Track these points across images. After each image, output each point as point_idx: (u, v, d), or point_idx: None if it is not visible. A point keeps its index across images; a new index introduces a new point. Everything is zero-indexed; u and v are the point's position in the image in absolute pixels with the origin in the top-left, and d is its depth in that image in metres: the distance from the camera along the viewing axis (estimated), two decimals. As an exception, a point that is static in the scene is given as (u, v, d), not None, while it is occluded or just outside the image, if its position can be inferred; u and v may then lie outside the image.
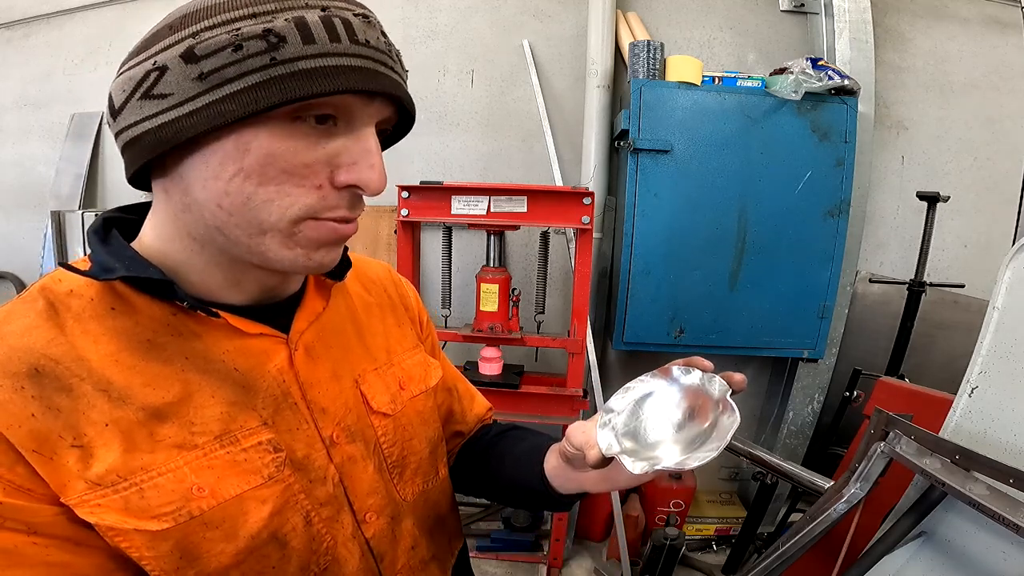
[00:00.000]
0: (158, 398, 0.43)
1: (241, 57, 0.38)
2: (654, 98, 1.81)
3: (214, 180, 0.41)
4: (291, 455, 0.49)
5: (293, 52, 0.38)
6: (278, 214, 0.42)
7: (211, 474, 0.43)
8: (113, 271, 0.43)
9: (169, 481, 0.42)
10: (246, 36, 0.38)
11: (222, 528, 0.44)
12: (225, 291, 0.48)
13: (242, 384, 0.47)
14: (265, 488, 0.46)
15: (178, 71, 0.38)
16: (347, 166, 0.43)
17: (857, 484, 0.96)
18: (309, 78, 0.39)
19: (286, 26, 0.38)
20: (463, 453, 0.77)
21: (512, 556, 2.11)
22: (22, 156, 2.43)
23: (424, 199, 1.66)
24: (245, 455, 0.46)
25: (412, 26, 2.15)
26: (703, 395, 0.52)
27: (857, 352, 2.14)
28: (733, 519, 2.26)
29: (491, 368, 1.78)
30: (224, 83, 0.38)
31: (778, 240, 1.89)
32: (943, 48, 2.14)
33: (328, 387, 0.53)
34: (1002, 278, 0.91)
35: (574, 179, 2.17)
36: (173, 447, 0.43)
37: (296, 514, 0.49)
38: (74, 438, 0.40)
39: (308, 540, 0.50)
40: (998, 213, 2.22)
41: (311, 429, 0.51)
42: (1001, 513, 0.71)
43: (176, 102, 0.39)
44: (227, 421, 0.45)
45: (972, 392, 0.91)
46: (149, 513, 0.40)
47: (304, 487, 0.49)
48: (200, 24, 0.39)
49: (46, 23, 2.32)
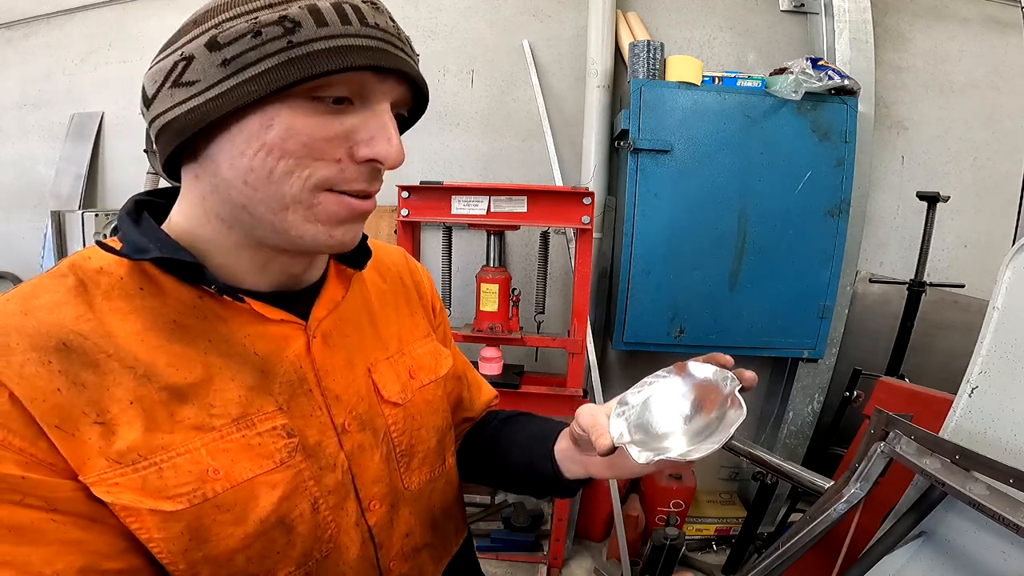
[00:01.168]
0: (181, 378, 0.44)
1: (260, 42, 0.41)
2: (654, 98, 1.81)
3: (239, 157, 0.43)
4: (303, 441, 0.50)
5: (308, 35, 0.41)
6: (299, 184, 0.45)
7: (226, 457, 0.44)
8: (146, 251, 0.44)
9: (187, 462, 0.42)
10: (264, 23, 0.41)
11: (233, 511, 0.44)
12: (251, 276, 0.50)
13: (261, 368, 0.48)
14: (277, 473, 0.47)
15: (203, 59, 0.41)
16: (365, 141, 0.46)
17: (857, 484, 0.96)
18: (324, 57, 0.42)
19: (300, 12, 0.42)
20: (469, 439, 0.78)
21: (512, 556, 2.11)
22: (22, 156, 2.43)
23: (424, 199, 1.66)
24: (260, 439, 0.46)
25: (412, 26, 2.15)
26: (714, 388, 0.53)
27: (857, 352, 2.14)
28: (733, 519, 2.26)
29: (491, 368, 1.79)
30: (246, 67, 0.41)
31: (778, 240, 1.89)
32: (943, 48, 2.14)
33: (342, 375, 0.54)
34: (1002, 278, 0.91)
35: (574, 179, 2.17)
36: (192, 428, 0.43)
37: (304, 500, 0.49)
38: (97, 414, 0.40)
39: (314, 526, 0.50)
40: (998, 213, 2.22)
41: (324, 416, 0.52)
42: (1001, 513, 0.71)
43: (203, 87, 0.42)
44: (245, 405, 0.46)
45: (972, 392, 0.91)
46: (165, 493, 0.41)
47: (314, 473, 0.50)
48: (221, 16, 0.42)
49: (46, 23, 2.32)
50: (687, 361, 0.56)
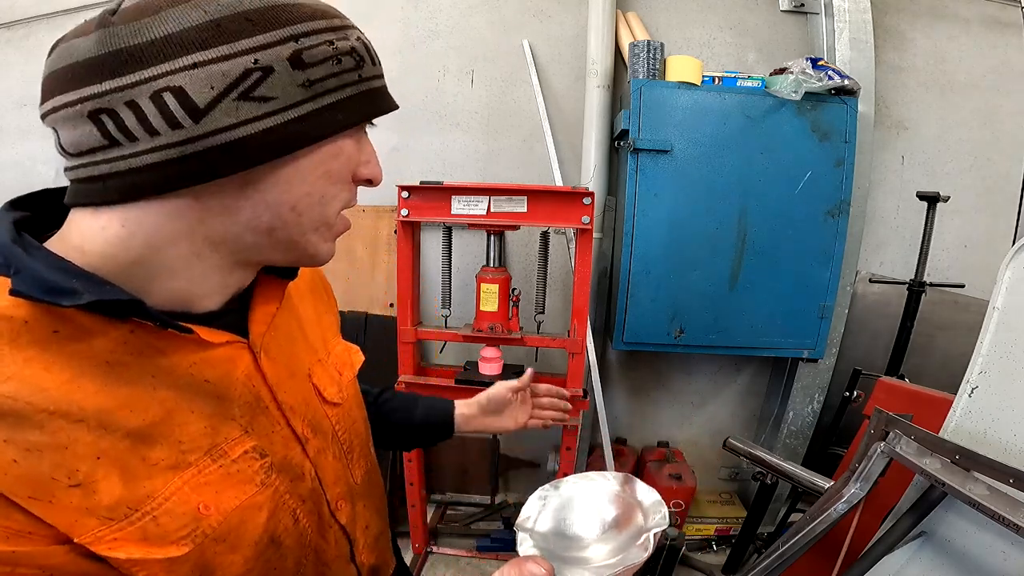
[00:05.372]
0: (139, 420, 0.40)
1: (339, 70, 0.42)
2: (654, 98, 1.81)
3: (300, 183, 0.43)
4: (273, 459, 0.50)
5: (368, 72, 0.45)
6: (336, 207, 0.47)
7: (209, 490, 0.43)
8: (71, 294, 0.36)
9: (177, 504, 0.41)
10: (341, 51, 0.42)
11: (228, 541, 0.44)
12: (209, 297, 0.46)
13: (215, 395, 0.46)
14: (259, 495, 0.47)
15: (284, 75, 0.39)
16: (363, 164, 0.49)
17: (857, 484, 0.96)
18: (382, 96, 0.47)
19: (359, 46, 0.44)
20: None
21: (512, 556, 2.10)
22: (22, 156, 2.42)
23: (424, 199, 1.66)
24: (236, 466, 0.46)
25: (412, 26, 2.15)
26: (637, 514, 0.55)
27: (857, 352, 2.14)
28: (733, 519, 2.26)
29: (491, 368, 1.78)
30: (325, 93, 0.41)
31: (778, 240, 1.89)
32: (943, 48, 2.14)
33: (289, 385, 0.54)
34: (1002, 278, 0.91)
35: (574, 179, 2.17)
36: (168, 469, 0.41)
37: (286, 514, 0.50)
38: (68, 477, 0.36)
39: (298, 536, 0.51)
40: (998, 213, 2.22)
41: (285, 430, 0.52)
42: (1001, 513, 0.71)
43: (280, 106, 0.39)
44: (212, 435, 0.45)
45: (972, 392, 0.91)
46: (168, 539, 0.40)
47: (288, 487, 0.51)
48: (295, 28, 0.40)
49: (46, 23, 2.32)
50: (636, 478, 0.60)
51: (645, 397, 2.42)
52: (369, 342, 2.09)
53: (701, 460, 2.41)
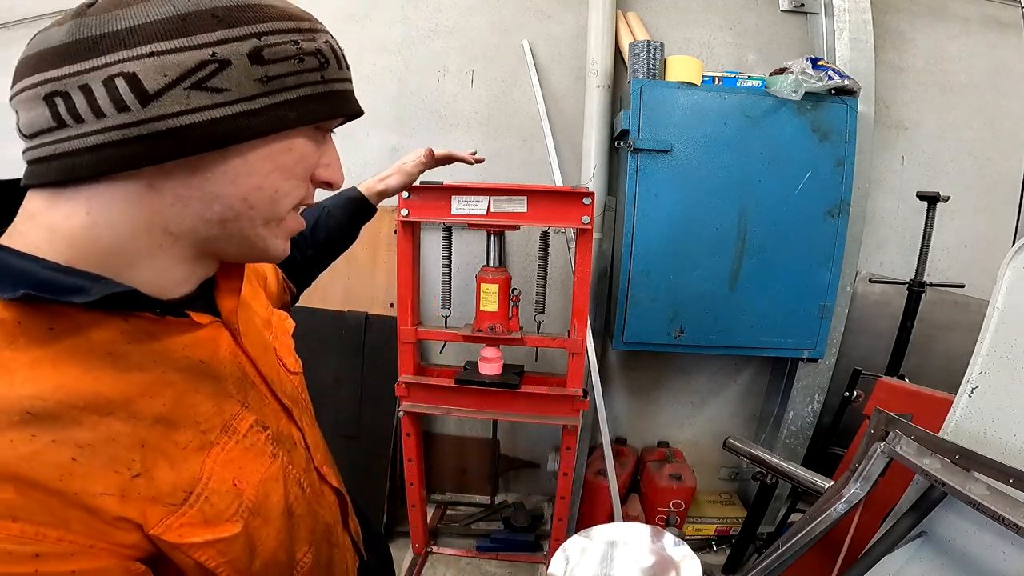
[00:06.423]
0: (160, 406, 0.41)
1: (300, 70, 0.42)
2: (654, 98, 1.81)
3: (248, 176, 0.43)
4: (272, 430, 0.51)
5: (333, 74, 0.45)
6: (289, 203, 0.47)
7: (235, 466, 0.45)
8: (81, 291, 0.37)
9: (219, 484, 0.42)
10: (305, 51, 0.43)
11: (262, 514, 0.46)
12: (179, 286, 0.47)
13: (211, 375, 0.47)
14: (273, 466, 0.49)
15: (242, 69, 0.39)
16: (324, 167, 0.50)
17: (857, 484, 0.96)
18: (345, 98, 0.47)
19: (326, 48, 0.45)
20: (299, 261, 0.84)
21: (512, 556, 2.11)
22: (22, 156, 2.43)
23: (424, 199, 1.66)
24: (248, 440, 0.47)
25: (413, 26, 2.15)
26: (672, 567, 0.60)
27: (857, 352, 2.14)
28: (733, 519, 2.26)
29: (491, 368, 1.78)
30: (282, 90, 0.42)
31: (778, 240, 1.89)
32: (943, 48, 2.14)
33: (265, 359, 0.55)
34: (1002, 278, 0.91)
35: (574, 179, 2.17)
36: (198, 450, 0.43)
37: (293, 483, 0.52)
38: (128, 468, 0.37)
39: (306, 504, 0.53)
40: (998, 213, 2.22)
41: (273, 402, 0.54)
42: (1001, 513, 0.71)
43: (232, 99, 0.39)
44: (220, 413, 0.46)
45: (972, 392, 0.91)
46: (222, 518, 0.41)
47: (289, 457, 0.52)
48: (259, 26, 0.40)
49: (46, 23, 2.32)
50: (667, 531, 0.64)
51: (645, 397, 2.42)
52: (369, 342, 2.09)
53: (701, 460, 2.41)
